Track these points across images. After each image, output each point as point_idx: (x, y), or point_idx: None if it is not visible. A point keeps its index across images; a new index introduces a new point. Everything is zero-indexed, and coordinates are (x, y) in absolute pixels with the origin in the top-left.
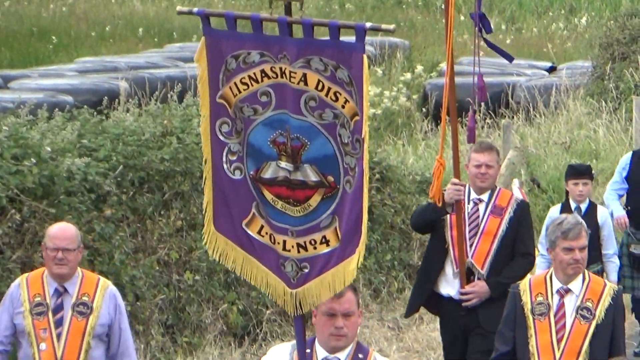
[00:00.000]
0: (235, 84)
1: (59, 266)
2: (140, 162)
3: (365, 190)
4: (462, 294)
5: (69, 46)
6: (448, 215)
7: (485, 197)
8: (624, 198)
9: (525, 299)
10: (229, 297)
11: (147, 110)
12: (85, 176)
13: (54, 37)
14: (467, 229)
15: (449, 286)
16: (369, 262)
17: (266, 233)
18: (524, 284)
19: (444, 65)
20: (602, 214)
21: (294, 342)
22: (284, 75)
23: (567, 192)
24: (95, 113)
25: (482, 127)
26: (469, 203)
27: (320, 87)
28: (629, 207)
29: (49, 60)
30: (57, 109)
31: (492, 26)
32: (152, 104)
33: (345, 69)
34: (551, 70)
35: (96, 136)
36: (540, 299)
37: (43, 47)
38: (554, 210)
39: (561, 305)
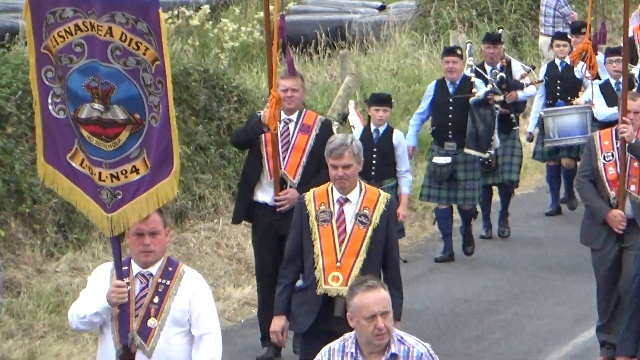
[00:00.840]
0: (54, 36)
1: None
2: None
3: (172, 123)
4: (276, 200)
5: None
6: (263, 134)
7: (294, 117)
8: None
9: (310, 208)
10: None
11: None
12: None
13: None
14: (280, 145)
15: (265, 194)
16: (228, 170)
17: (86, 165)
18: (308, 195)
19: (292, 5)
20: (397, 136)
21: None
22: (93, 28)
23: (369, 117)
24: None
25: (324, 57)
26: (280, 122)
27: (123, 38)
28: (433, 127)
29: None
30: None
31: None
32: None
33: (145, 22)
34: (381, 8)
35: None
36: (323, 207)
37: None
38: (356, 132)
39: (341, 213)
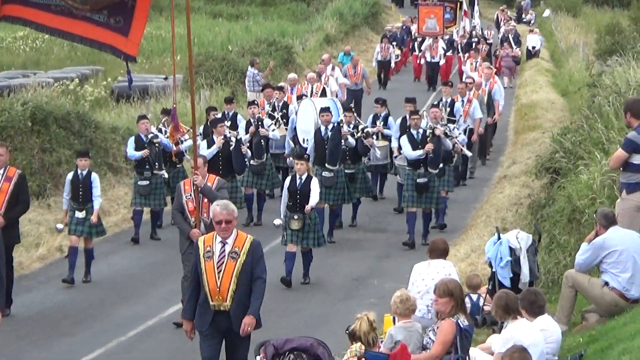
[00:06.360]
0: None
1: None
2: None
3: None
4: None
5: None
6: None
7: (1, 172)
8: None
9: None
10: None
11: None
12: None
13: None
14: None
15: None
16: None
17: None
18: None
19: (120, 78)
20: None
21: None
22: None
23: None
24: None
25: (138, 103)
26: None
27: None
28: None
29: None
30: None
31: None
32: None
33: None
34: (165, 79)
35: None
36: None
37: None
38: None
39: None
